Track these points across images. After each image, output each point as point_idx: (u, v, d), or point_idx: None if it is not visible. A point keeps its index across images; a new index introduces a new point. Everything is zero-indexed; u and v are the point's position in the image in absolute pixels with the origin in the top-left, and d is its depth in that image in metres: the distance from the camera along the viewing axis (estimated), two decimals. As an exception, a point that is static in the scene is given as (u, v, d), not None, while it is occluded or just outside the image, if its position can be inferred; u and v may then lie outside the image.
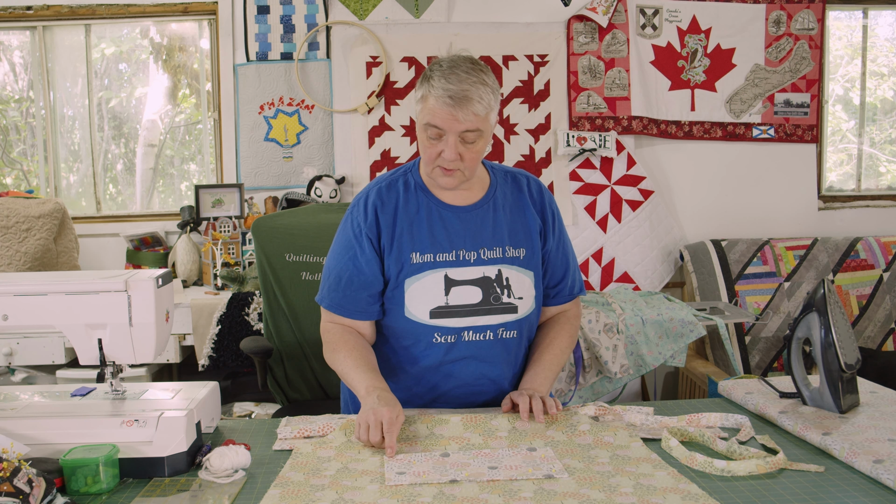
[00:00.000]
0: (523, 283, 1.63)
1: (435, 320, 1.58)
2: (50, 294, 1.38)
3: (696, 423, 1.48)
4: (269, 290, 2.33)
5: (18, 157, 3.91)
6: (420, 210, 1.62)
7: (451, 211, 1.62)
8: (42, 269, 3.19)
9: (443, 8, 3.64)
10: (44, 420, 1.33)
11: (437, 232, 1.60)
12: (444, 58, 1.56)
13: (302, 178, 3.69)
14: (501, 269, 1.61)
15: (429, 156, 1.55)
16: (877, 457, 1.23)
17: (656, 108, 3.74)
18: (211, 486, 1.24)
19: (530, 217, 1.67)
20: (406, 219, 1.61)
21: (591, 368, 2.95)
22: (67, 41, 3.75)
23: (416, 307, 1.58)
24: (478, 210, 1.64)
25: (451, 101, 1.48)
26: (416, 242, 1.59)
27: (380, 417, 1.37)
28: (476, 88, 1.49)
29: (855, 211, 3.93)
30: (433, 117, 1.51)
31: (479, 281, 1.60)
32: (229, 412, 3.14)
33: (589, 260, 3.71)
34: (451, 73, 1.50)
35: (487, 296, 1.60)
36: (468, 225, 1.62)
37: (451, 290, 1.58)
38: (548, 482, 1.22)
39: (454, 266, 1.59)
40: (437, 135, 1.52)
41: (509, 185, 1.69)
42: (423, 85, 1.54)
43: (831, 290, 1.49)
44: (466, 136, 1.51)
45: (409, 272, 1.58)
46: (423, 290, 1.58)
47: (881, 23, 4.03)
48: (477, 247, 1.61)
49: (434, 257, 1.59)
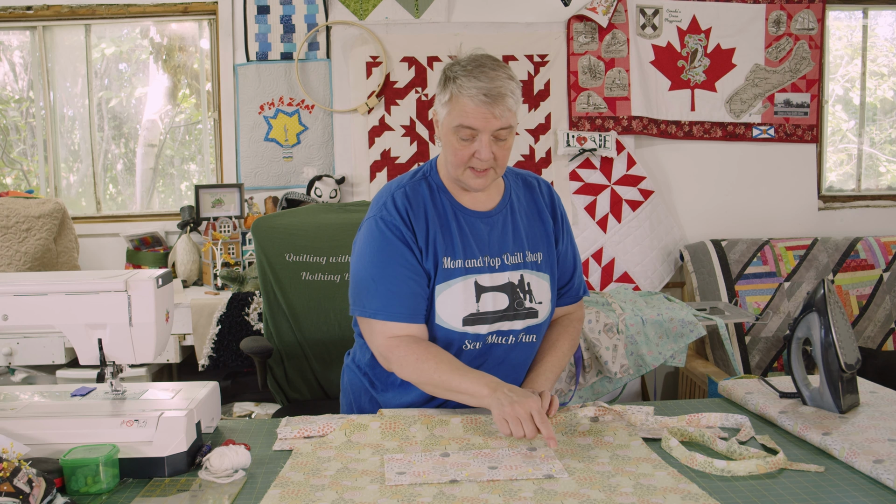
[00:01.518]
0: (542, 287, 1.63)
1: (467, 327, 1.56)
2: (50, 294, 1.38)
3: (696, 423, 1.48)
4: (269, 290, 2.33)
5: (18, 157, 3.91)
6: (447, 213, 1.59)
7: (474, 216, 1.60)
8: (42, 269, 3.19)
9: (443, 8, 3.64)
10: (44, 420, 1.33)
11: (466, 237, 1.58)
12: (462, 58, 1.53)
13: (302, 178, 3.69)
14: (523, 275, 1.61)
15: (460, 158, 1.52)
16: (877, 457, 1.23)
17: (656, 108, 3.74)
18: (211, 486, 1.24)
19: (546, 220, 1.67)
20: (437, 221, 1.58)
21: (591, 368, 2.95)
22: (67, 41, 3.75)
23: (448, 314, 1.55)
24: (498, 214, 1.63)
25: (487, 99, 1.45)
26: (447, 247, 1.57)
27: (528, 409, 1.33)
28: (507, 84, 1.48)
29: (855, 211, 3.93)
30: (466, 118, 1.48)
31: (505, 287, 1.59)
32: (229, 412, 3.14)
33: (589, 260, 3.71)
34: (479, 72, 1.47)
35: (513, 301, 1.59)
36: (492, 230, 1.61)
37: (482, 296, 1.57)
38: (548, 482, 1.22)
39: (482, 272, 1.57)
40: (470, 135, 1.49)
41: (522, 188, 1.69)
42: (447, 87, 1.51)
43: (831, 290, 1.49)
44: (499, 133, 1.49)
45: (440, 278, 1.55)
46: (454, 297, 1.55)
47: (881, 23, 4.03)
48: (501, 252, 1.60)
49: (464, 263, 1.57)
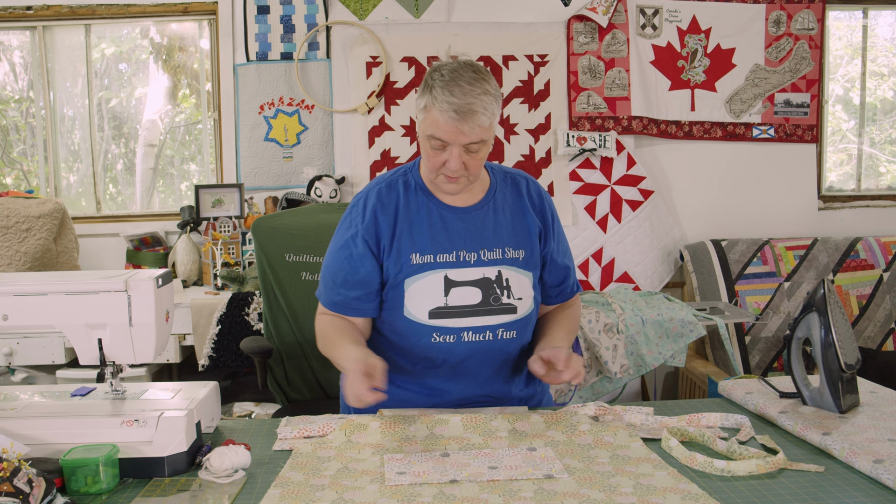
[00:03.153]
0: (523, 283, 1.63)
1: (434, 320, 1.58)
2: (50, 294, 1.38)
3: (696, 423, 1.48)
4: (269, 290, 2.33)
5: (18, 157, 3.91)
6: (420, 210, 1.62)
7: (451, 212, 1.62)
8: (42, 269, 3.19)
9: (443, 8, 3.64)
10: (44, 420, 1.33)
11: (438, 232, 1.60)
12: (444, 64, 1.53)
13: (302, 178, 3.69)
14: (501, 270, 1.61)
15: (433, 164, 1.55)
16: (877, 457, 1.23)
17: (656, 108, 3.74)
18: (211, 486, 1.24)
19: (530, 219, 1.67)
20: (406, 220, 1.61)
21: (591, 368, 2.95)
22: (67, 41, 3.75)
23: (415, 307, 1.59)
24: (478, 211, 1.64)
25: (456, 116, 1.46)
26: (416, 243, 1.59)
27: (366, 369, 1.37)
28: (480, 100, 1.47)
29: (855, 211, 3.93)
30: (437, 130, 1.49)
31: (479, 282, 1.60)
32: (229, 412, 3.14)
33: (589, 260, 3.71)
34: (453, 85, 1.47)
35: (487, 296, 1.60)
36: (469, 226, 1.62)
37: (451, 290, 1.59)
38: (548, 482, 1.22)
39: (454, 267, 1.59)
40: (440, 146, 1.51)
41: (509, 187, 1.70)
42: (424, 94, 1.52)
43: (831, 290, 1.49)
44: (471, 146, 1.50)
45: (408, 272, 1.58)
46: (422, 291, 1.58)
47: (881, 23, 4.03)
48: (477, 248, 1.61)
49: (434, 258, 1.59)
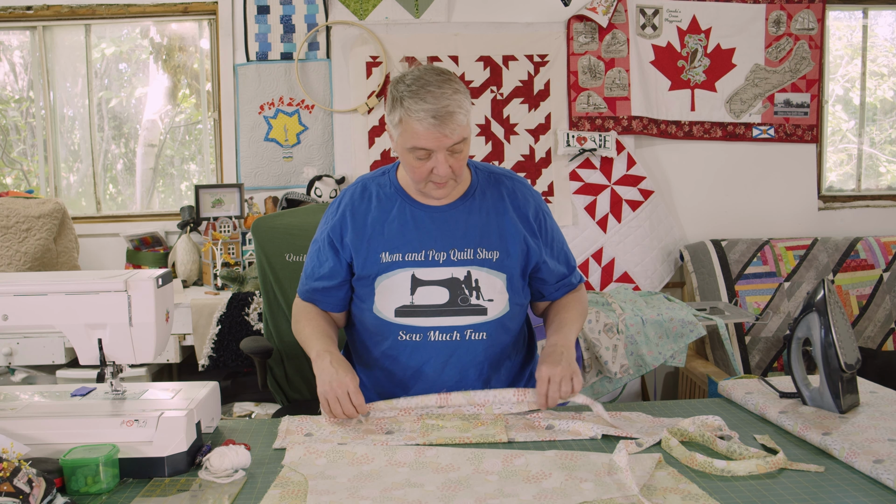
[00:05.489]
0: (494, 285, 1.62)
1: (400, 319, 1.61)
2: (50, 294, 1.38)
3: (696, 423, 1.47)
4: (269, 290, 2.33)
5: (18, 157, 3.91)
6: (393, 209, 1.64)
7: (423, 210, 1.63)
8: (42, 269, 3.19)
9: (443, 8, 3.64)
10: (44, 420, 1.33)
11: (408, 232, 1.62)
12: (405, 74, 1.52)
13: (302, 178, 3.69)
14: (471, 271, 1.61)
15: (419, 175, 1.54)
16: (877, 457, 1.23)
17: (656, 108, 3.74)
18: (211, 486, 1.24)
19: (509, 220, 1.65)
20: (379, 220, 1.64)
21: (591, 368, 2.95)
22: (67, 41, 3.75)
23: (383, 305, 1.62)
24: (451, 210, 1.64)
25: (436, 121, 1.46)
26: (386, 242, 1.62)
27: (345, 388, 1.46)
28: (454, 100, 1.47)
29: (855, 211, 3.92)
30: (418, 140, 1.49)
31: (447, 282, 1.61)
32: (229, 412, 3.13)
33: (589, 260, 3.71)
34: (423, 91, 1.47)
35: (455, 297, 1.61)
36: (440, 225, 1.62)
37: (417, 289, 1.61)
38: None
39: (422, 266, 1.61)
40: (425, 155, 1.51)
41: (491, 187, 1.69)
42: (395, 108, 1.51)
43: (831, 290, 1.49)
44: (454, 147, 1.51)
45: (379, 271, 1.62)
46: (390, 289, 1.61)
47: (881, 23, 4.03)
48: (447, 247, 1.62)
49: (403, 257, 1.61)
